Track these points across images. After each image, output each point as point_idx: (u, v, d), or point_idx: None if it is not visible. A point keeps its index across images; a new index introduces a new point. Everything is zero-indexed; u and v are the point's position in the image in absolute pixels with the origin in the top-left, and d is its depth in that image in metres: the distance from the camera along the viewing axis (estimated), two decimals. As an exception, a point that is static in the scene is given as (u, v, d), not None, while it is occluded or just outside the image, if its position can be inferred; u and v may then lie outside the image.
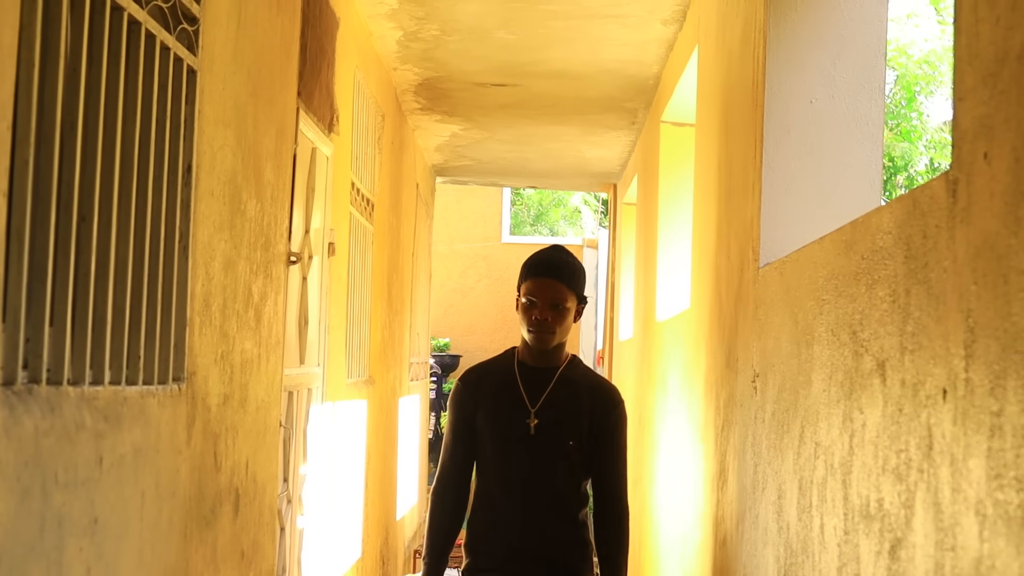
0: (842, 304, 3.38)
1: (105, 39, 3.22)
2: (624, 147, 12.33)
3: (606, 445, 4.88)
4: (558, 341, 4.87)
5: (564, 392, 4.87)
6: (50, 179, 2.89)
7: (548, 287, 4.78)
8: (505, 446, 4.85)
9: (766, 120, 4.64)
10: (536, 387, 4.88)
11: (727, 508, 5.17)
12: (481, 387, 4.95)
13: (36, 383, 2.85)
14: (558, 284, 4.79)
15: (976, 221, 2.36)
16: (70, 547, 2.97)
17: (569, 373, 4.92)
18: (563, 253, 4.90)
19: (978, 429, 2.31)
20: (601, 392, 4.94)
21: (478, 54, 8.91)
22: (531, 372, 4.91)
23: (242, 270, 4.68)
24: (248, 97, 4.68)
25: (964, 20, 2.48)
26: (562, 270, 4.81)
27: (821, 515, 3.54)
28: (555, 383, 4.88)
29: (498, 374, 4.95)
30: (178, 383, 3.90)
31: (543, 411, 4.83)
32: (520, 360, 4.95)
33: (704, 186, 6.48)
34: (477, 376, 5.02)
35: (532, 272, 4.83)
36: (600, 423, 4.87)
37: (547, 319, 4.80)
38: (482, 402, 4.92)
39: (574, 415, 4.85)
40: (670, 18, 7.72)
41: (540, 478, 4.83)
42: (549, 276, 4.79)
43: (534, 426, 4.81)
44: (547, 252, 4.89)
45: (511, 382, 4.90)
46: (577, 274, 4.85)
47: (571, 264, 4.86)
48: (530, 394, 4.86)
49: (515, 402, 4.86)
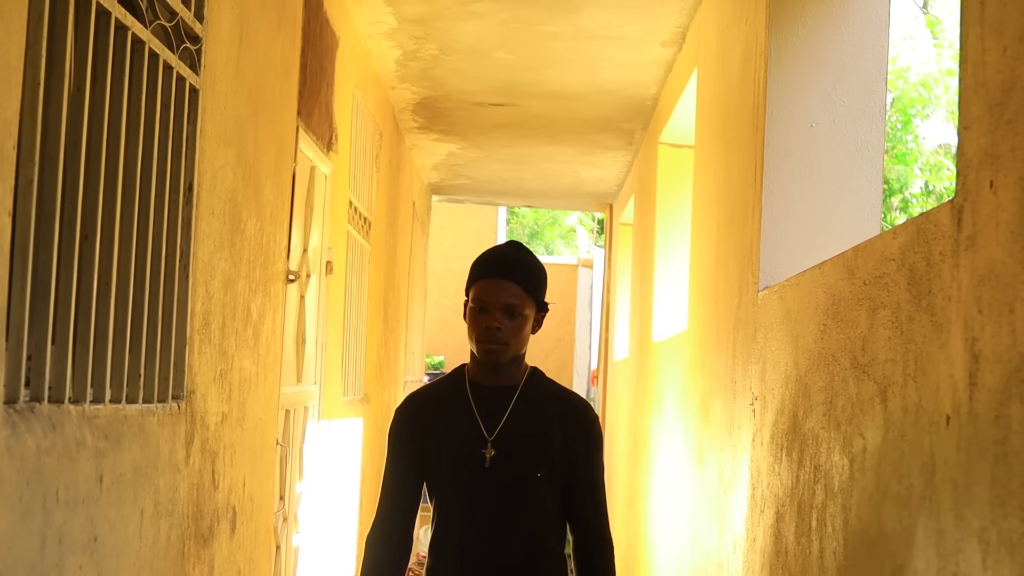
0: (843, 329, 3.38)
1: (109, 58, 3.23)
2: (621, 168, 12.34)
3: (583, 473, 4.02)
4: (513, 354, 3.96)
5: (527, 414, 3.99)
6: (54, 198, 2.89)
7: (501, 289, 3.90)
8: (458, 484, 3.96)
9: (767, 143, 4.65)
10: (492, 410, 3.98)
11: (723, 530, 5.17)
12: (425, 415, 4.04)
13: (38, 401, 2.85)
14: (513, 286, 3.90)
15: (981, 249, 2.37)
16: (70, 565, 2.97)
17: (531, 391, 4.03)
18: (520, 250, 4.03)
19: (982, 456, 2.31)
20: (572, 411, 4.04)
21: (476, 74, 8.93)
22: (485, 393, 4.01)
23: (241, 288, 4.68)
24: (249, 116, 4.68)
25: (970, 49, 2.48)
26: (518, 270, 3.94)
27: (820, 539, 3.53)
28: (515, 404, 3.99)
29: (445, 398, 4.04)
30: (177, 401, 3.90)
31: (502, 439, 3.94)
32: (471, 380, 4.04)
33: (703, 208, 6.48)
34: (420, 402, 4.10)
35: (482, 272, 3.96)
36: (573, 447, 3.99)
37: (499, 328, 3.89)
38: (428, 433, 4.01)
39: (541, 441, 3.97)
40: (669, 40, 7.73)
41: (506, 520, 3.94)
42: (502, 276, 3.91)
43: (491, 458, 3.92)
44: (501, 248, 4.04)
45: (462, 406, 4.00)
46: (536, 275, 3.98)
47: (529, 263, 3.98)
48: (486, 419, 3.97)
49: (468, 430, 3.97)
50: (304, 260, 6.25)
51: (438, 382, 4.13)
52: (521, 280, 3.92)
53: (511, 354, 3.95)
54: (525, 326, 3.94)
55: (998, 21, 2.35)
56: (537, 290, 3.96)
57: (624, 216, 13.26)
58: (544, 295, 4.01)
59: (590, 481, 4.03)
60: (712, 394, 5.72)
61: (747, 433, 4.74)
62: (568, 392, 4.13)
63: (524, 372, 4.05)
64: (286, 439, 6.00)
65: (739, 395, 4.97)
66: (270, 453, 5.40)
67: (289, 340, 5.95)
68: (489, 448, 3.92)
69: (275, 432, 5.51)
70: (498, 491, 3.93)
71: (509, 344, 3.92)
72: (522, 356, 4.03)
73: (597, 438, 4.07)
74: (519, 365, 4.03)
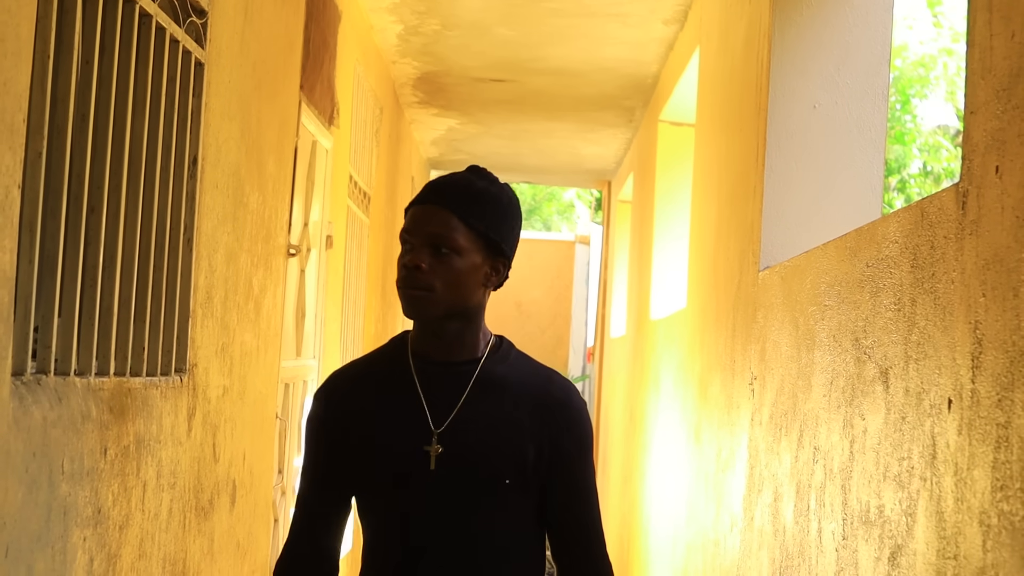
0: (845, 310, 3.39)
1: (117, 32, 3.24)
2: (620, 145, 12.35)
3: (568, 480, 2.90)
4: (446, 307, 2.82)
5: (490, 398, 2.87)
6: (62, 171, 2.90)
7: (428, 218, 2.83)
8: (393, 494, 2.84)
9: (769, 124, 4.66)
10: (442, 393, 2.87)
11: (720, 508, 5.19)
12: (353, 398, 2.92)
13: (44, 373, 2.86)
14: (444, 213, 2.82)
15: (986, 234, 2.38)
16: (74, 537, 2.99)
17: (496, 367, 2.91)
18: (473, 175, 2.93)
19: (984, 440, 2.33)
20: (552, 395, 2.92)
21: (477, 49, 8.92)
22: (433, 370, 2.89)
23: (243, 262, 4.69)
24: (253, 90, 4.69)
25: (978, 34, 2.49)
26: (457, 194, 2.85)
27: (819, 519, 3.56)
28: (474, 385, 2.87)
29: (380, 376, 2.93)
30: (180, 374, 3.92)
31: (455, 431, 2.83)
32: (415, 351, 2.92)
33: (703, 187, 6.50)
34: (347, 382, 2.98)
35: (414, 199, 2.91)
36: (554, 445, 2.88)
37: (420, 266, 2.79)
38: (355, 423, 2.88)
39: (509, 434, 2.85)
40: (671, 18, 7.73)
41: (459, 545, 2.84)
42: (432, 202, 2.85)
43: (437, 457, 2.80)
44: (451, 174, 2.95)
45: (401, 387, 2.89)
46: (485, 204, 2.86)
47: (479, 190, 2.87)
48: (433, 404, 2.85)
49: (408, 419, 2.85)
50: (305, 234, 6.26)
51: (372, 355, 3.01)
52: (459, 207, 2.82)
53: (442, 306, 2.80)
54: (462, 268, 2.80)
55: (1006, 7, 2.36)
56: (486, 223, 2.83)
57: (623, 193, 13.27)
58: (506, 236, 2.87)
59: (578, 491, 2.92)
60: (711, 373, 5.74)
61: (746, 413, 4.76)
62: (545, 369, 2.98)
63: (486, 343, 2.93)
64: (285, 413, 6.02)
65: (738, 374, 4.99)
66: (270, 427, 5.42)
67: (289, 314, 5.96)
68: (435, 444, 2.80)
69: (275, 406, 5.53)
70: (448, 504, 2.81)
71: (434, 289, 2.78)
72: (471, 316, 2.88)
73: (585, 431, 2.94)
74: (475, 332, 2.90)
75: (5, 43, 2.40)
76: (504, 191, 2.91)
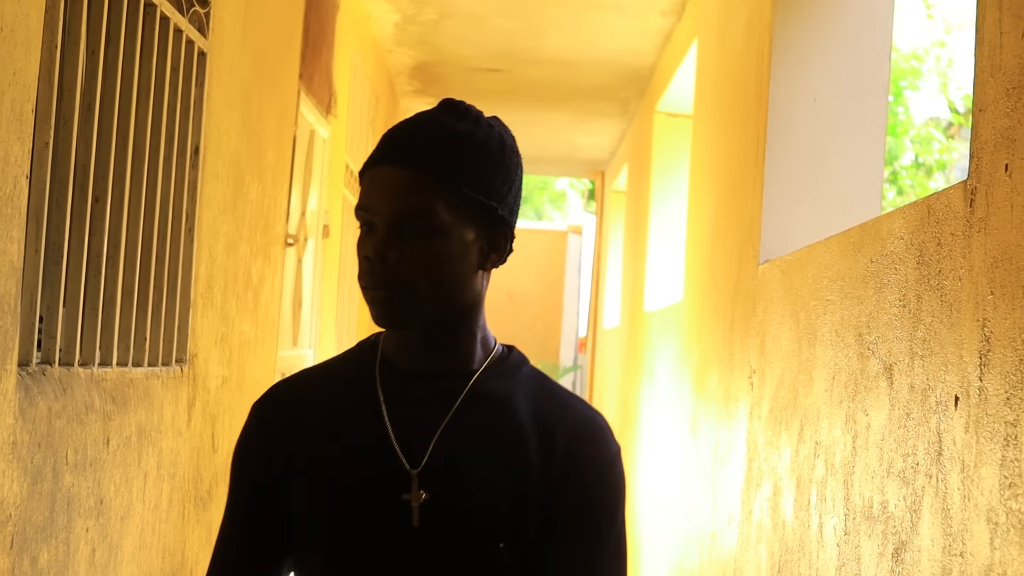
0: (848, 306, 3.40)
1: (123, 21, 3.23)
2: (614, 135, 12.34)
3: (584, 552, 2.00)
4: (432, 310, 1.97)
5: (484, 427, 2.02)
6: (68, 161, 2.90)
7: (395, 184, 1.95)
8: (356, 552, 1.99)
9: (770, 117, 4.66)
10: (419, 417, 2.01)
11: (717, 502, 5.20)
12: (299, 420, 2.05)
13: (49, 364, 2.86)
14: (416, 176, 1.94)
15: (994, 231, 2.38)
16: (77, 528, 2.99)
17: (494, 384, 2.04)
18: (445, 114, 2.02)
19: (992, 438, 2.33)
20: (574, 430, 2.03)
21: (474, 39, 8.91)
22: (409, 386, 2.04)
23: (243, 252, 4.69)
24: (254, 79, 4.68)
25: (987, 32, 2.49)
26: (428, 146, 1.97)
27: (820, 514, 3.56)
28: (462, 407, 2.01)
29: (338, 392, 2.07)
30: (180, 365, 3.91)
31: (439, 471, 1.98)
32: (386, 360, 2.07)
33: (700, 179, 6.49)
34: (292, 398, 2.09)
35: (370, 158, 2.01)
36: (569, 502, 1.99)
37: (389, 256, 1.94)
38: (300, 453, 2.03)
39: (509, 479, 1.99)
40: (669, 9, 7.73)
41: None
42: (396, 161, 1.96)
43: (419, 506, 1.96)
44: (411, 119, 2.04)
45: (365, 409, 2.03)
46: (469, 153, 1.98)
47: (458, 134, 1.99)
48: (406, 433, 2.00)
49: (375, 453, 2.00)
50: (302, 224, 6.26)
51: (332, 362, 2.15)
52: (436, 165, 1.95)
53: (427, 309, 1.96)
54: (450, 253, 1.96)
55: (1017, 5, 2.36)
56: (477, 184, 1.97)
57: (616, 183, 13.27)
58: (504, 195, 2.01)
59: (603, 561, 2.00)
60: (708, 366, 5.74)
61: (744, 406, 4.76)
62: (567, 395, 2.08)
63: (487, 352, 2.07)
64: (282, 402, 6.01)
65: (736, 368, 4.99)
66: (267, 416, 5.42)
67: (287, 304, 5.96)
68: (414, 488, 1.96)
69: (272, 395, 5.52)
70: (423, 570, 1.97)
71: (413, 287, 1.94)
72: (466, 314, 2.02)
73: (617, 489, 2.03)
74: (470, 336, 2.04)
75: (15, 33, 2.39)
76: (495, 131, 2.01)
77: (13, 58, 2.40)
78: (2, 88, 2.35)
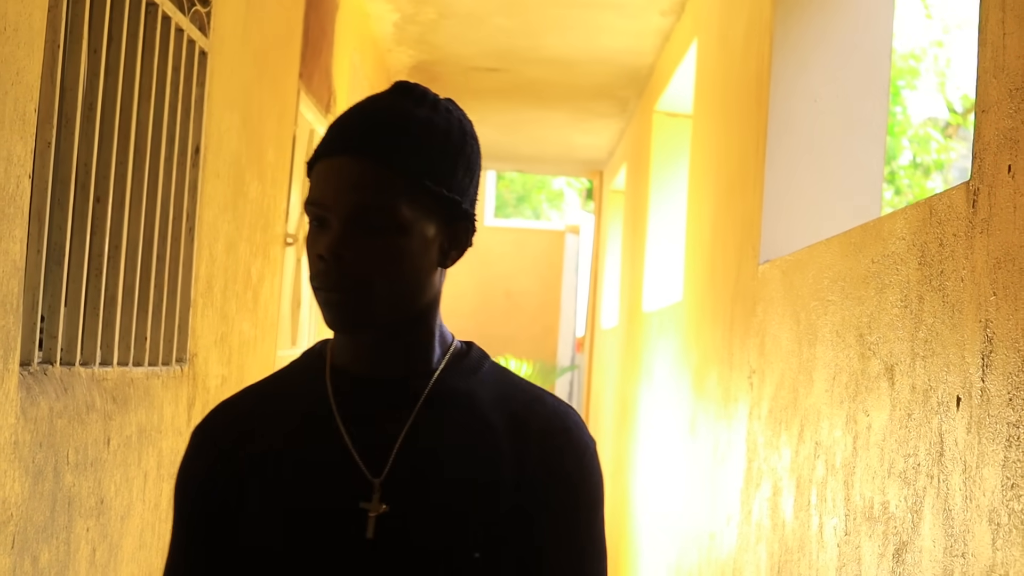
0: (849, 306, 3.40)
1: (125, 20, 3.23)
2: (613, 135, 12.35)
3: (564, 551, 1.89)
4: (390, 311, 1.85)
5: (449, 433, 1.89)
6: (70, 160, 2.90)
7: (349, 176, 1.83)
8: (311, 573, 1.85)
9: (770, 117, 4.66)
10: (378, 427, 1.88)
11: (716, 502, 5.20)
12: (246, 443, 1.90)
13: (51, 363, 2.86)
14: (373, 168, 1.83)
15: (997, 232, 2.38)
16: (78, 527, 2.98)
17: (457, 388, 1.92)
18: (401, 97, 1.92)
19: (994, 439, 2.33)
20: (546, 424, 1.92)
21: (473, 39, 8.92)
22: (363, 392, 1.90)
23: (243, 251, 4.69)
24: (254, 78, 4.68)
25: (990, 33, 2.49)
26: (385, 135, 1.86)
27: (820, 514, 3.56)
28: (421, 413, 1.89)
29: (287, 409, 1.92)
30: (180, 364, 3.91)
31: (402, 481, 1.86)
32: (336, 366, 1.94)
33: (700, 179, 6.50)
34: (238, 417, 1.94)
35: (321, 147, 1.88)
36: (545, 502, 1.88)
37: (344, 256, 1.82)
38: (250, 479, 1.88)
39: (480, 481, 1.87)
40: (668, 9, 7.73)
41: None
42: (351, 151, 1.84)
43: (378, 518, 1.83)
44: (370, 99, 1.94)
45: (317, 420, 1.89)
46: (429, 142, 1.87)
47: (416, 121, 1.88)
48: (365, 444, 1.87)
49: (333, 470, 1.86)
50: (301, 223, 6.25)
51: (279, 374, 1.98)
52: (395, 156, 1.82)
53: (384, 311, 1.83)
54: (409, 251, 1.83)
55: (1020, 6, 2.36)
56: (438, 175, 1.85)
57: (615, 183, 13.27)
58: (466, 187, 1.89)
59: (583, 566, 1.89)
60: (707, 366, 5.74)
61: (744, 406, 4.76)
62: (534, 389, 1.97)
63: (445, 349, 1.94)
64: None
65: (736, 368, 4.99)
66: (266, 415, 5.42)
67: (286, 303, 5.96)
68: (376, 500, 1.82)
69: (271, 395, 5.52)
70: None
71: (369, 287, 1.81)
72: (423, 314, 1.90)
73: (594, 481, 1.91)
74: (427, 335, 1.91)
75: (19, 33, 2.39)
76: (454, 116, 1.90)
77: (16, 57, 2.39)
78: (5, 88, 2.35)
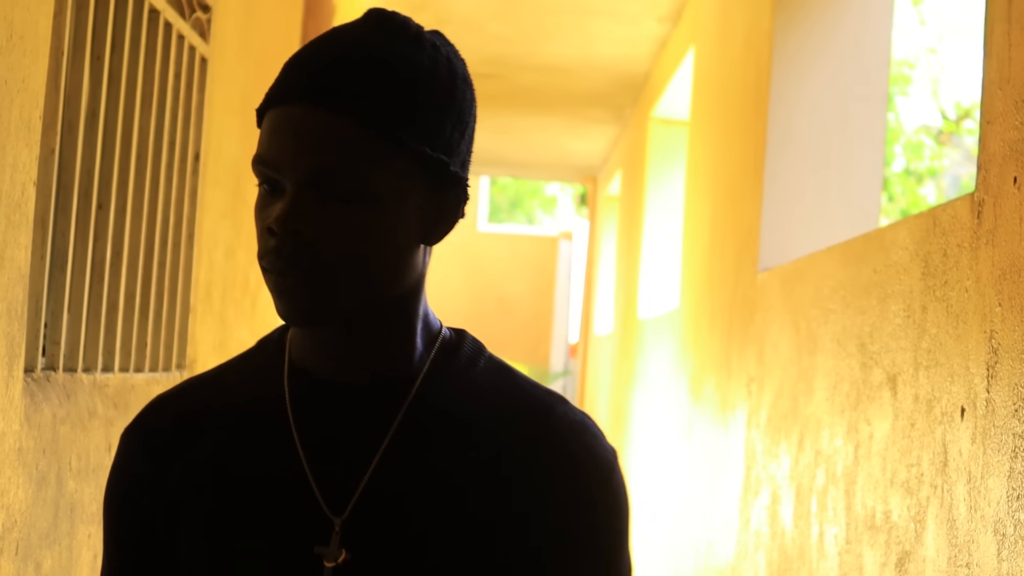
0: (850, 315, 3.40)
1: (127, 27, 3.23)
2: (607, 141, 12.36)
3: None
4: (357, 299, 1.40)
5: (437, 452, 1.44)
6: (73, 167, 2.90)
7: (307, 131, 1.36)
8: None
9: (769, 125, 4.66)
10: (342, 448, 1.45)
11: (714, 510, 5.20)
12: (183, 452, 1.49)
13: (53, 370, 2.86)
14: (336, 121, 1.36)
15: (1003, 243, 2.39)
16: (79, 534, 2.98)
17: (446, 389, 1.48)
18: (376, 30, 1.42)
19: (999, 449, 2.33)
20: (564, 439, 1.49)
21: (469, 45, 8.91)
22: (329, 400, 1.46)
23: (241, 258, 4.69)
24: (253, 85, 4.68)
25: (996, 45, 2.50)
26: (354, 78, 1.37)
27: (820, 523, 3.56)
28: (403, 425, 1.45)
29: (233, 413, 1.50)
30: (180, 370, 3.91)
31: (367, 524, 1.42)
32: (295, 364, 1.49)
33: (697, 186, 6.50)
34: (175, 424, 1.51)
35: (273, 90, 1.41)
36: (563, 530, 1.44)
37: (302, 231, 1.36)
38: (187, 498, 1.47)
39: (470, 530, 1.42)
40: (665, 16, 7.74)
41: None
42: (310, 98, 1.37)
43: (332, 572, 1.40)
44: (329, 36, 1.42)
45: (272, 434, 1.46)
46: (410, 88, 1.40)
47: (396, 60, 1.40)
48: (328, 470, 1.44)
49: (280, 498, 1.44)
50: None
51: (223, 369, 1.57)
52: (363, 104, 1.38)
53: (349, 299, 1.41)
54: (384, 226, 1.40)
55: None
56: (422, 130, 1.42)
57: (609, 189, 13.28)
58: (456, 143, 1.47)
59: None
60: (704, 373, 5.75)
61: (742, 414, 4.76)
62: (544, 398, 1.53)
63: (433, 342, 1.52)
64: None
65: (734, 375, 4.99)
66: (263, 422, 5.42)
67: (283, 309, 5.96)
68: (334, 545, 1.42)
69: (268, 401, 5.53)
70: None
71: (334, 272, 1.39)
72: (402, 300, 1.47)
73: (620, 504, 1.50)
74: (408, 326, 1.49)
75: (24, 41, 2.39)
76: (441, 54, 1.46)
77: (22, 65, 2.39)
78: (11, 95, 2.35)
